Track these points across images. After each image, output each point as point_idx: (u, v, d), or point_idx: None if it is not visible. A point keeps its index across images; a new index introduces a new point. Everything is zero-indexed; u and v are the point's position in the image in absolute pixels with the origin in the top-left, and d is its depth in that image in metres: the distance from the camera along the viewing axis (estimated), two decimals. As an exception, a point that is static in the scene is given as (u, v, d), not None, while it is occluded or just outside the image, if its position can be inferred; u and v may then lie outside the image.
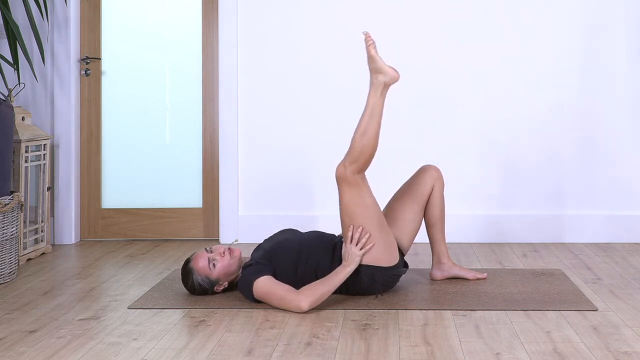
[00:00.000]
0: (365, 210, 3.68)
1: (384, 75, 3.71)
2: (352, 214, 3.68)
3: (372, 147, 3.68)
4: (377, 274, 3.73)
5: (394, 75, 3.71)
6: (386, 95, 3.75)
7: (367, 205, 3.69)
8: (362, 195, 3.69)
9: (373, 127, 3.69)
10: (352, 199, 3.68)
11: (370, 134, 3.68)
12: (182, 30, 5.44)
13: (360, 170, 3.68)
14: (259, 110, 5.34)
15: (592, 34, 5.24)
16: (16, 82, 5.23)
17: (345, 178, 3.65)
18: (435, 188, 4.06)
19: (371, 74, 3.73)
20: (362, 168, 3.68)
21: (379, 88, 3.71)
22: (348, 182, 3.66)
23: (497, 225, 5.25)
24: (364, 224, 3.68)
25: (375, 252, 3.71)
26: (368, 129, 3.68)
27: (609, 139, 5.24)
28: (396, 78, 3.71)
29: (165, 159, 5.45)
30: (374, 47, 3.70)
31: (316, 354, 3.00)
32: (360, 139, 3.67)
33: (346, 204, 3.68)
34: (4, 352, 3.05)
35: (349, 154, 3.67)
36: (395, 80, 3.72)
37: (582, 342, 3.12)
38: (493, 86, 5.26)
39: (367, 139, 3.67)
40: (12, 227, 4.29)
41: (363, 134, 3.68)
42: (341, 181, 3.66)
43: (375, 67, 3.71)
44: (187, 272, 3.81)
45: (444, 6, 5.26)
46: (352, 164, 3.66)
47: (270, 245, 3.82)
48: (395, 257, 3.78)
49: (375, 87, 3.71)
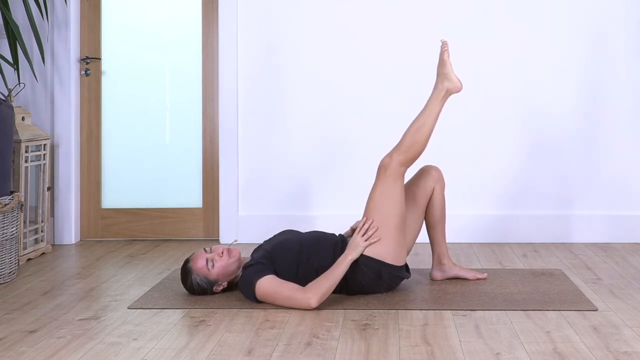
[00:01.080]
0: (392, 205, 3.76)
1: (449, 82, 3.90)
2: (379, 205, 3.75)
3: (422, 144, 3.82)
4: (384, 270, 3.74)
5: (458, 86, 3.91)
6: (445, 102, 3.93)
7: (395, 202, 3.77)
8: (395, 191, 3.77)
9: (428, 127, 3.83)
10: (385, 190, 3.76)
11: (424, 131, 3.82)
12: (182, 30, 5.44)
13: (405, 163, 3.79)
14: (259, 110, 5.34)
15: (592, 35, 5.23)
16: (16, 82, 5.23)
17: (389, 167, 3.77)
18: (436, 189, 4.07)
19: (438, 78, 3.91)
20: (408, 162, 3.80)
21: (441, 93, 3.90)
22: (388, 173, 3.77)
23: (497, 225, 5.25)
24: (386, 217, 3.73)
25: (385, 248, 3.73)
26: (423, 127, 3.83)
27: (609, 139, 5.24)
28: (459, 88, 3.91)
29: (165, 159, 5.45)
30: (448, 54, 3.90)
31: (316, 354, 3.00)
32: (414, 134, 3.81)
33: (377, 194, 3.77)
34: (4, 352, 3.05)
35: (398, 146, 3.81)
36: (458, 91, 3.91)
37: (582, 342, 3.12)
38: (493, 86, 5.26)
39: (419, 136, 3.81)
40: (12, 227, 4.29)
41: (417, 130, 3.82)
42: (383, 169, 3.77)
43: (444, 73, 3.90)
44: (186, 272, 3.82)
45: (444, 6, 5.26)
46: (399, 155, 3.78)
47: (271, 245, 3.82)
48: (403, 259, 3.82)
49: (438, 91, 3.89)
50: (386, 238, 3.73)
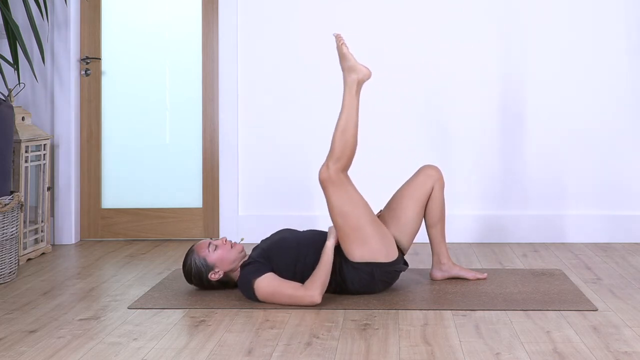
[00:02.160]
0: (355, 207, 3.73)
1: (356, 73, 3.81)
2: (343, 213, 3.72)
3: (352, 144, 3.75)
4: (376, 270, 3.74)
5: (366, 72, 3.82)
6: (361, 92, 3.88)
7: (356, 202, 3.74)
8: (349, 194, 3.74)
9: (351, 125, 3.76)
10: (340, 198, 3.72)
11: (350, 131, 3.75)
12: (182, 30, 5.44)
13: (343, 168, 3.74)
14: (259, 110, 5.34)
15: (592, 34, 5.23)
16: (16, 82, 5.23)
17: (330, 178, 3.71)
18: (436, 188, 4.07)
19: (344, 73, 3.83)
20: (345, 166, 3.75)
21: (353, 86, 3.81)
22: (333, 182, 3.71)
23: (497, 225, 5.25)
24: (356, 221, 3.72)
25: (371, 248, 3.72)
26: (347, 127, 3.76)
27: (609, 139, 5.24)
28: (368, 75, 3.82)
29: (165, 159, 5.45)
30: (345, 46, 3.82)
31: (316, 354, 3.00)
32: (341, 137, 3.74)
33: (336, 205, 3.73)
34: (4, 352, 3.05)
35: (330, 154, 3.74)
36: (368, 77, 3.83)
37: (582, 342, 3.12)
38: (493, 86, 5.26)
39: (347, 137, 3.74)
40: (12, 227, 4.29)
41: (343, 132, 3.75)
42: (326, 183, 3.72)
43: (348, 66, 3.81)
44: (187, 254, 3.89)
45: (443, 6, 5.26)
46: (335, 163, 3.72)
47: (268, 244, 3.83)
48: (394, 253, 3.80)
49: (349, 86, 3.81)
50: (368, 238, 3.73)
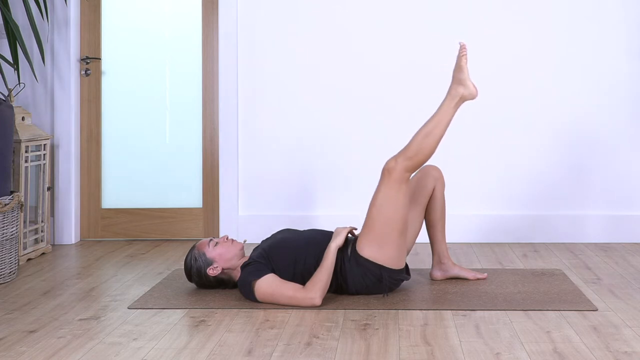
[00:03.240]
0: (395, 210, 3.71)
1: (464, 88, 3.80)
2: (381, 209, 3.70)
3: (430, 151, 3.73)
4: (385, 274, 3.74)
5: (473, 92, 3.80)
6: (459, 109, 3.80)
7: (398, 207, 3.71)
8: (399, 196, 3.71)
9: (437, 133, 3.74)
10: (389, 194, 3.71)
11: (433, 138, 3.73)
12: (182, 30, 5.44)
13: (410, 169, 3.72)
14: (259, 110, 5.34)
15: (592, 35, 5.23)
16: (16, 82, 5.23)
17: (393, 171, 3.70)
18: (436, 188, 4.07)
19: (453, 84, 3.81)
20: (413, 168, 3.73)
21: (455, 99, 3.79)
22: (392, 177, 3.70)
23: (497, 225, 5.25)
24: (389, 222, 3.70)
25: (387, 252, 3.73)
26: (432, 133, 3.74)
27: (609, 139, 5.24)
28: (474, 95, 3.80)
29: (165, 159, 5.45)
30: (465, 59, 3.79)
31: (316, 354, 3.00)
32: (422, 140, 3.72)
33: (380, 197, 3.71)
34: (4, 352, 3.05)
35: (405, 150, 3.72)
36: (473, 98, 3.81)
37: (582, 342, 3.12)
38: (493, 86, 5.26)
39: (428, 142, 3.72)
40: (12, 227, 4.29)
41: (426, 136, 3.73)
42: (387, 173, 3.70)
43: (460, 78, 3.79)
44: (189, 251, 3.91)
45: (444, 6, 5.26)
46: (405, 161, 3.71)
47: (269, 244, 3.83)
48: (403, 263, 3.82)
49: (452, 97, 3.79)
50: (389, 243, 3.72)
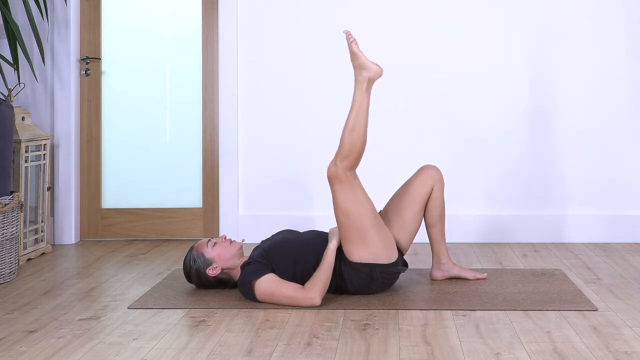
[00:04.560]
0: (361, 207, 3.72)
1: (367, 70, 3.77)
2: (347, 212, 3.70)
3: (361, 142, 3.72)
4: (375, 271, 3.74)
5: (377, 70, 3.78)
6: (371, 91, 3.80)
7: (361, 203, 3.72)
8: (355, 193, 3.72)
9: (361, 123, 3.74)
10: (346, 197, 3.71)
11: (359, 130, 3.73)
12: (182, 30, 5.44)
13: (351, 167, 3.72)
14: (259, 110, 5.34)
15: (591, 34, 5.23)
16: (16, 82, 5.23)
17: (337, 176, 3.70)
18: (435, 188, 4.07)
19: (355, 71, 3.79)
20: (353, 165, 3.73)
21: (363, 84, 3.77)
22: (340, 180, 3.70)
23: (497, 225, 5.25)
24: (359, 221, 3.70)
25: (371, 249, 3.72)
26: (356, 125, 3.73)
27: (609, 139, 5.24)
28: (379, 73, 3.78)
29: (165, 159, 5.45)
30: (355, 44, 3.77)
31: (316, 354, 3.00)
32: (349, 135, 3.72)
33: (341, 203, 3.72)
34: (4, 352, 3.05)
35: (339, 151, 3.72)
36: (379, 75, 3.79)
37: (582, 342, 3.12)
38: (493, 86, 5.26)
39: (355, 135, 3.72)
40: (12, 227, 4.29)
41: (352, 131, 3.72)
42: (334, 180, 3.71)
43: (359, 64, 3.77)
44: (188, 252, 3.92)
45: (444, 6, 5.26)
46: (343, 161, 3.70)
47: (269, 244, 3.84)
48: (394, 254, 3.80)
49: (360, 84, 3.77)
50: (369, 239, 3.72)
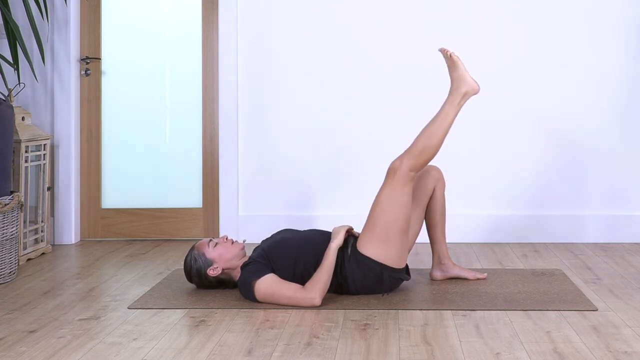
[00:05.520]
0: (398, 210, 3.72)
1: (465, 84, 3.78)
2: (385, 208, 3.71)
3: (434, 150, 3.75)
4: (385, 273, 3.74)
5: (475, 87, 3.79)
6: (463, 106, 3.81)
7: (402, 207, 3.73)
8: (403, 195, 3.73)
9: (441, 132, 3.75)
10: (392, 193, 3.72)
11: (437, 137, 3.75)
12: (182, 30, 5.44)
13: (414, 168, 3.74)
14: (259, 110, 5.34)
15: (591, 34, 5.23)
16: (16, 82, 5.23)
17: (398, 170, 3.72)
18: (437, 189, 4.07)
19: (453, 83, 3.80)
20: (418, 167, 3.75)
21: (457, 97, 3.79)
22: (397, 176, 3.71)
23: (497, 225, 5.25)
24: (392, 221, 3.71)
25: (389, 251, 3.73)
26: (436, 133, 3.75)
27: (609, 139, 5.24)
28: (476, 90, 3.79)
29: (165, 159, 5.45)
30: (454, 56, 3.77)
31: (316, 354, 3.00)
32: (427, 139, 3.74)
33: (384, 197, 3.73)
34: (4, 352, 3.05)
35: (409, 150, 3.74)
36: (475, 92, 3.80)
37: (582, 342, 3.12)
38: (493, 86, 5.26)
39: (432, 141, 3.74)
40: (12, 227, 4.29)
41: (430, 135, 3.74)
42: (392, 172, 3.72)
43: (457, 75, 3.79)
44: (189, 251, 3.91)
45: (445, 6, 5.26)
46: (410, 160, 3.72)
47: (269, 244, 3.83)
48: (404, 262, 3.83)
49: (454, 96, 3.79)
50: (390, 242, 3.73)
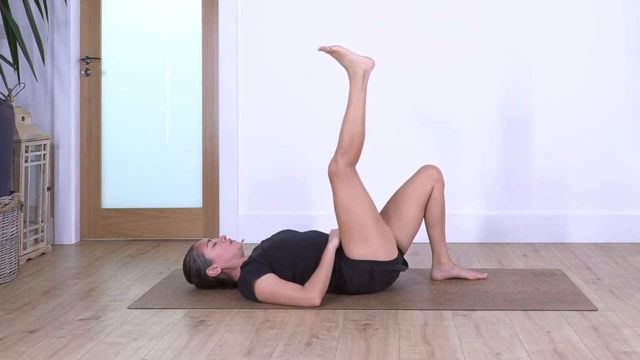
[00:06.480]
0: (361, 204, 3.72)
1: (358, 65, 3.78)
2: (348, 209, 3.71)
3: (360, 137, 3.75)
4: (376, 268, 3.74)
5: (369, 62, 3.79)
6: (367, 84, 3.81)
7: (361, 199, 3.73)
8: (355, 190, 3.74)
9: (358, 118, 3.76)
10: (346, 194, 3.72)
11: (357, 125, 3.75)
12: (182, 30, 5.44)
13: (351, 162, 3.74)
14: (259, 110, 5.34)
15: (592, 36, 5.24)
16: (16, 82, 5.23)
17: (338, 173, 3.71)
18: (436, 188, 4.07)
19: (347, 70, 3.81)
20: (353, 160, 3.74)
21: (358, 79, 3.78)
22: (340, 177, 3.71)
23: (497, 225, 5.25)
24: (360, 217, 3.71)
25: (372, 246, 3.72)
26: (354, 121, 3.75)
27: (609, 139, 5.24)
28: (371, 64, 3.79)
29: (165, 159, 5.45)
30: (334, 47, 3.77)
31: (316, 354, 3.00)
32: (348, 131, 3.74)
33: (341, 200, 3.73)
34: (4, 352, 3.05)
35: (339, 148, 3.74)
36: (372, 67, 3.80)
37: (582, 342, 3.12)
38: (493, 86, 5.26)
39: (354, 130, 3.74)
40: (12, 227, 4.29)
41: (350, 127, 3.74)
42: (334, 177, 3.72)
43: (348, 60, 3.79)
44: (188, 252, 3.91)
45: (444, 6, 5.26)
46: (343, 157, 3.72)
47: (268, 244, 3.84)
48: (394, 252, 3.80)
49: (354, 79, 3.79)
50: (369, 236, 3.73)
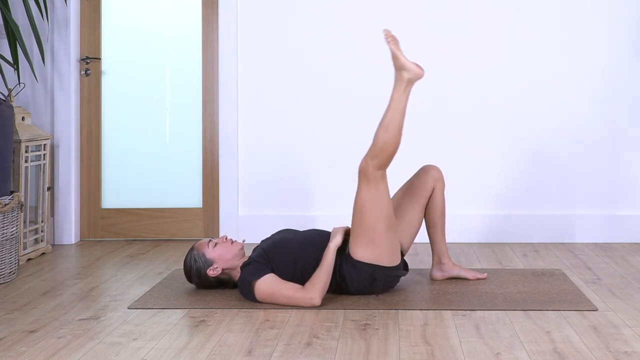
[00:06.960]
0: (378, 210, 3.69)
1: (407, 72, 3.73)
2: (365, 211, 3.69)
3: (394, 142, 3.69)
4: (378, 272, 3.74)
5: (418, 72, 3.73)
6: (410, 92, 3.77)
7: (380, 205, 3.70)
8: (379, 195, 3.70)
9: (396, 123, 3.69)
10: (368, 195, 3.69)
11: (393, 129, 3.69)
12: (182, 30, 5.44)
13: (381, 166, 3.69)
14: (259, 110, 5.34)
15: (592, 35, 5.23)
16: (16, 82, 5.23)
17: (366, 173, 3.68)
18: (436, 188, 4.07)
19: (396, 72, 3.75)
20: (384, 164, 3.69)
21: (402, 84, 3.73)
22: (367, 178, 3.68)
23: (497, 225, 5.25)
24: (374, 222, 3.69)
25: (378, 251, 3.72)
26: (391, 125, 3.69)
27: (609, 139, 5.24)
28: (420, 74, 3.73)
29: (165, 159, 5.45)
30: (394, 44, 3.72)
31: (316, 354, 3.00)
32: (383, 134, 3.69)
33: (361, 200, 3.70)
34: (4, 352, 3.05)
35: (371, 149, 3.69)
36: (420, 77, 3.74)
37: (582, 342, 3.12)
38: (493, 86, 5.26)
39: (389, 135, 3.68)
40: (12, 227, 4.29)
41: (386, 129, 3.69)
42: (362, 175, 3.69)
43: (399, 64, 3.73)
44: (188, 252, 3.91)
45: (445, 6, 5.26)
46: (373, 159, 3.67)
47: (268, 244, 3.83)
48: (397, 259, 3.80)
49: (399, 84, 3.74)
50: (378, 242, 3.71)
